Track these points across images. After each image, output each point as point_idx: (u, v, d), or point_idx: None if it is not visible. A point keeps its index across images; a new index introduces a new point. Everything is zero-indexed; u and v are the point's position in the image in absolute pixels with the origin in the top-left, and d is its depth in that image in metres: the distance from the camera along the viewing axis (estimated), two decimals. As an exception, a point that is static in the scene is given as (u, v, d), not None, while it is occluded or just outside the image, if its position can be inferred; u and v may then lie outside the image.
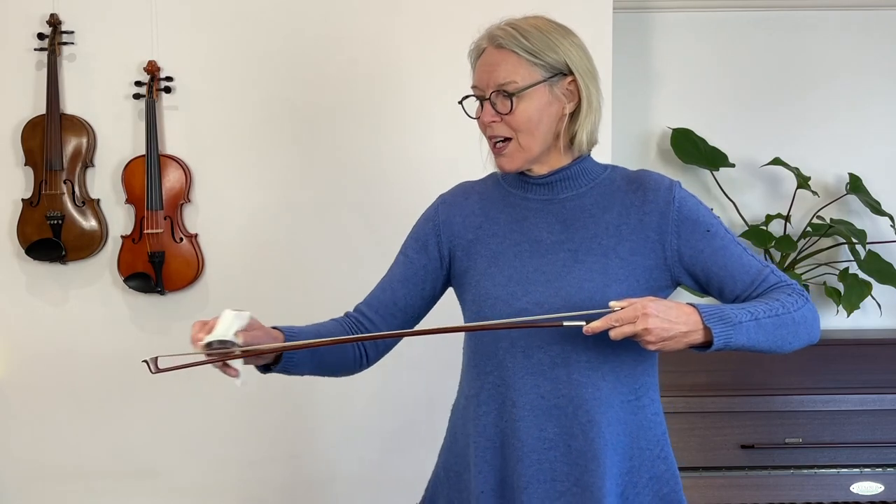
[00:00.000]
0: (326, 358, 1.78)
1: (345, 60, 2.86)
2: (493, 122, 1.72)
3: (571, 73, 1.72)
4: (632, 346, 1.60)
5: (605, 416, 1.69)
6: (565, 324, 1.57)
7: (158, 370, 1.56)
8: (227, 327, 1.55)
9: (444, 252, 1.83)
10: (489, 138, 1.76)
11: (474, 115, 1.75)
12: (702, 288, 1.74)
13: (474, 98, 1.76)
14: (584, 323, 1.55)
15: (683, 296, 2.81)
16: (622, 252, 1.71)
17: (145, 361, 1.56)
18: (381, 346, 1.87)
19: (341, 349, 1.80)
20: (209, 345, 1.54)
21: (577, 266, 1.70)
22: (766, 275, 1.70)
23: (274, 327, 1.72)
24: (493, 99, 1.71)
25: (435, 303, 1.89)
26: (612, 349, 1.65)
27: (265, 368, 1.72)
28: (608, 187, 1.77)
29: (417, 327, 1.83)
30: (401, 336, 1.81)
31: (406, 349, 2.17)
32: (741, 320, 1.58)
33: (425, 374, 2.88)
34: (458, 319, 1.82)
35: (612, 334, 1.54)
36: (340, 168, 2.89)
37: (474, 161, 1.95)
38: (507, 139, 1.73)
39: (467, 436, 1.79)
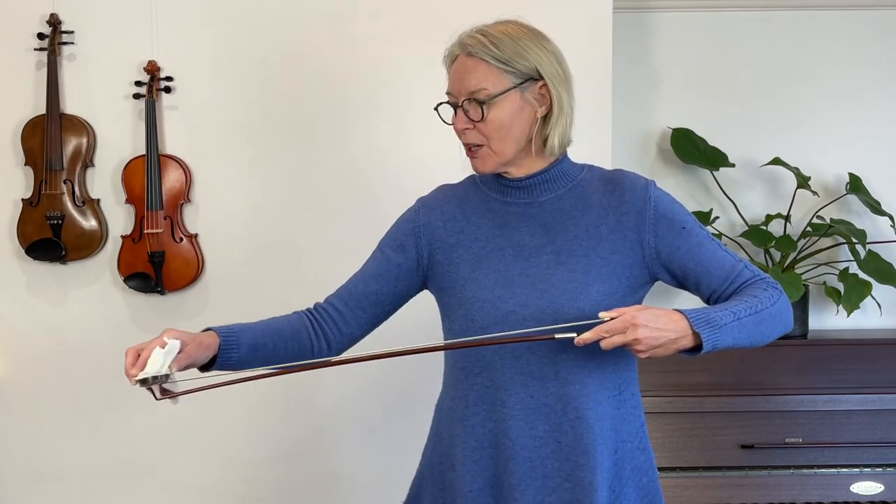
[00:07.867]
0: (278, 353, 1.78)
1: (345, 60, 2.86)
2: (466, 129, 1.75)
3: (542, 78, 1.74)
4: None
5: (594, 411, 1.74)
6: (557, 336, 1.62)
7: (164, 396, 1.61)
8: (161, 364, 1.59)
9: (422, 254, 1.85)
10: (463, 143, 1.79)
11: (449, 122, 1.79)
12: (679, 283, 1.79)
13: (449, 104, 1.78)
14: (575, 335, 1.60)
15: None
16: (602, 252, 1.75)
17: (150, 389, 1.61)
18: (346, 338, 1.87)
19: (297, 344, 1.81)
20: (144, 381, 1.59)
21: (560, 268, 1.74)
22: (741, 270, 1.75)
23: (208, 329, 1.74)
24: (466, 106, 1.74)
25: (404, 303, 1.90)
26: (598, 346, 1.67)
27: (204, 368, 1.74)
28: (586, 188, 1.80)
29: (416, 346, 1.70)
30: (390, 356, 1.69)
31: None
32: (726, 322, 1.62)
33: (427, 373, 2.88)
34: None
35: (603, 345, 1.59)
36: (341, 167, 2.88)
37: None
38: (479, 145, 1.76)
39: (453, 436, 1.82)
